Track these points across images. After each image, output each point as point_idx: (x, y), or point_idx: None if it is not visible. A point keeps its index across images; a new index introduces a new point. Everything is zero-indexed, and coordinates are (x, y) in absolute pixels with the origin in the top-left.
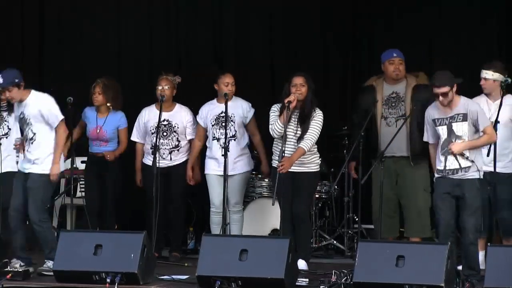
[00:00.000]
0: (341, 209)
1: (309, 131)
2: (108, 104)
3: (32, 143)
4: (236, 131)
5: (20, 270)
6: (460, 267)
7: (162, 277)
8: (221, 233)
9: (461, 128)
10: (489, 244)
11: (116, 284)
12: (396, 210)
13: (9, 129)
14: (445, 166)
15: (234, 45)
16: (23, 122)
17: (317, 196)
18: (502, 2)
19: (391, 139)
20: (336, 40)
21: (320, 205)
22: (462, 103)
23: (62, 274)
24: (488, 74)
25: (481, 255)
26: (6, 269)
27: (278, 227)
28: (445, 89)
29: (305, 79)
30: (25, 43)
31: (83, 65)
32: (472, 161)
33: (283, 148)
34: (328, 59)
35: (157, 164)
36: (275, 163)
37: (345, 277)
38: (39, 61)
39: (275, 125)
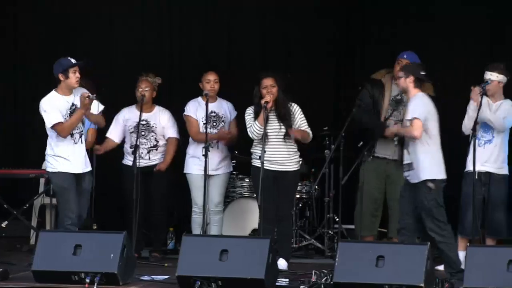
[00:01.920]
0: (321, 210)
1: (303, 128)
2: None
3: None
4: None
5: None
6: (440, 267)
7: (142, 277)
8: (201, 233)
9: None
10: (468, 244)
11: (96, 284)
12: (379, 210)
13: None
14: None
15: (227, 45)
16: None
17: (297, 196)
18: (496, 3)
19: (376, 141)
20: (330, 41)
21: (300, 205)
22: (412, 99)
23: (41, 274)
24: (493, 76)
25: (461, 255)
26: None
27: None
28: (400, 73)
29: (274, 79)
30: (25, 42)
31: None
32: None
33: (264, 148)
34: (321, 61)
35: (137, 164)
36: (255, 162)
37: (325, 277)
38: (39, 61)
39: (254, 127)
